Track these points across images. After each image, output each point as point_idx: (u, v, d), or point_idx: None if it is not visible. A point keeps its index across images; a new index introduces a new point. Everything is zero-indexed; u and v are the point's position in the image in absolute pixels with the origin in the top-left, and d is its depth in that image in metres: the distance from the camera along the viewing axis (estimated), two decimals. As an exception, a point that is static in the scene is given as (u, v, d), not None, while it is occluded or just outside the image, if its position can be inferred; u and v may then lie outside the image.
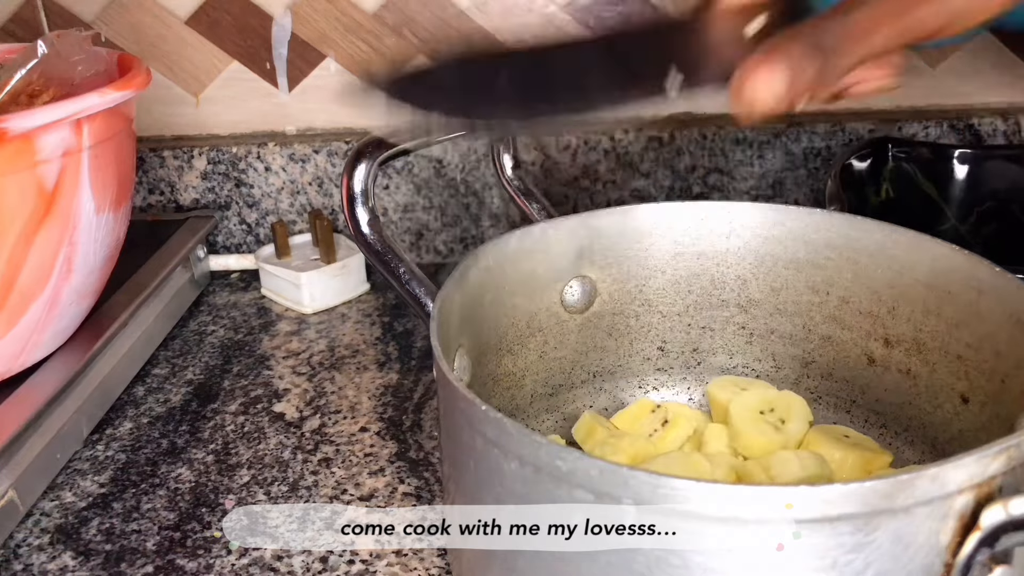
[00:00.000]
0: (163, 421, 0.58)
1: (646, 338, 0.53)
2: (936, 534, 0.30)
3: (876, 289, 0.47)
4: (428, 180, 0.77)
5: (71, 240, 0.50)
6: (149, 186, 0.78)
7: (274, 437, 0.56)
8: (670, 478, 0.28)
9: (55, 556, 0.47)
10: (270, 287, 0.74)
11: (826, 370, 0.51)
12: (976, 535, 0.30)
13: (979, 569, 0.30)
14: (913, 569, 0.30)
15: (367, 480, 0.52)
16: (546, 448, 0.30)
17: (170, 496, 0.51)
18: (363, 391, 0.61)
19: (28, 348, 0.52)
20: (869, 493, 0.28)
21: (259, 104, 0.78)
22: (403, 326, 0.69)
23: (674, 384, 0.54)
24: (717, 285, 0.51)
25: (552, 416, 0.52)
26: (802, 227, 0.49)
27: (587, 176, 0.77)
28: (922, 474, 0.28)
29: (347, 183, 0.41)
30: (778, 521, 0.28)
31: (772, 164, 0.77)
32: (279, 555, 0.46)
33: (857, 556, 0.29)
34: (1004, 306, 0.41)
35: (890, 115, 0.76)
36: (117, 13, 0.75)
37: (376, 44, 0.76)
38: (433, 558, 0.46)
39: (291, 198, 0.78)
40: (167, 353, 0.66)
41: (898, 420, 0.48)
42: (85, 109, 0.47)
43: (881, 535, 0.29)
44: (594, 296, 0.51)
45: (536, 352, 0.50)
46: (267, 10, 0.75)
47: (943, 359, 0.45)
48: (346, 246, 0.75)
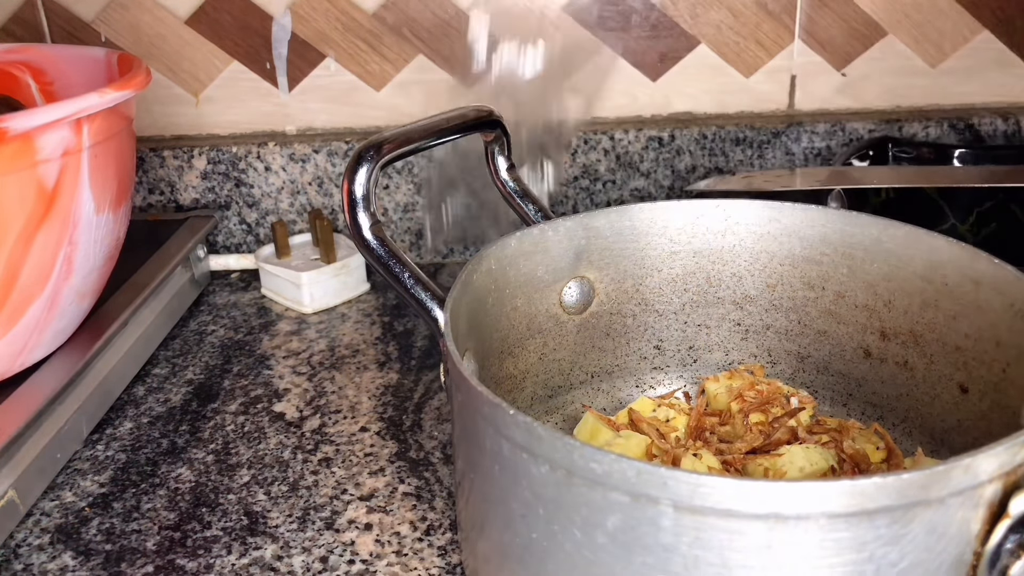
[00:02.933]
0: (163, 421, 0.58)
1: (643, 337, 0.53)
2: (967, 523, 0.30)
3: (872, 283, 0.47)
4: (428, 180, 0.77)
5: (71, 240, 0.50)
6: (149, 186, 0.78)
7: (274, 437, 0.56)
8: (711, 477, 0.29)
9: (55, 556, 0.47)
10: (270, 287, 0.74)
11: (822, 364, 0.51)
12: (1005, 523, 0.30)
13: (1007, 556, 0.30)
14: (945, 559, 0.31)
15: (367, 480, 0.52)
16: (580, 451, 0.30)
17: (170, 496, 0.51)
18: (363, 391, 0.61)
19: (28, 348, 0.52)
20: (905, 485, 0.28)
21: (259, 104, 0.79)
22: (403, 326, 0.69)
23: (671, 382, 0.54)
24: (713, 282, 0.52)
25: (552, 418, 0.52)
26: (797, 223, 0.49)
27: (587, 176, 0.77)
28: (956, 464, 0.29)
29: (348, 188, 0.41)
30: (817, 516, 0.29)
31: (772, 164, 0.77)
32: (279, 555, 0.46)
33: (893, 548, 0.30)
34: (1003, 296, 0.41)
35: (890, 115, 0.76)
36: (117, 13, 0.75)
37: (376, 44, 0.76)
38: (433, 558, 0.46)
39: (291, 198, 0.78)
40: (167, 353, 0.66)
41: (895, 411, 0.48)
42: (85, 109, 0.47)
43: (916, 527, 0.29)
44: (592, 297, 0.51)
45: (536, 354, 0.50)
46: (267, 10, 0.75)
47: (941, 350, 0.45)
48: (346, 246, 0.75)
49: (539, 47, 0.71)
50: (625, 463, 0.30)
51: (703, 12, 0.75)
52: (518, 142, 0.72)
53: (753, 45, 0.76)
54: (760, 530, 0.29)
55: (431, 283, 0.42)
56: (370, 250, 0.42)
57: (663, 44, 0.76)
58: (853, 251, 0.48)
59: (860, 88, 0.77)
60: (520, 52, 0.71)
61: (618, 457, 0.30)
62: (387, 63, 0.77)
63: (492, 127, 0.48)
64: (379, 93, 0.78)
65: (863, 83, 0.77)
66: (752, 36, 0.75)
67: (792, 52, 0.76)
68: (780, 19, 0.75)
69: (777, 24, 0.75)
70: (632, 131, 0.76)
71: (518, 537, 0.35)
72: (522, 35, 0.70)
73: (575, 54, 0.76)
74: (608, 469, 0.30)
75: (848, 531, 0.29)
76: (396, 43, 0.76)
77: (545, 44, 0.71)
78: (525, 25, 0.73)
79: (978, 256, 0.43)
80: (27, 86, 0.63)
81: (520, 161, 0.73)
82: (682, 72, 0.77)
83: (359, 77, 0.77)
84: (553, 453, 0.31)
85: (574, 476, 0.31)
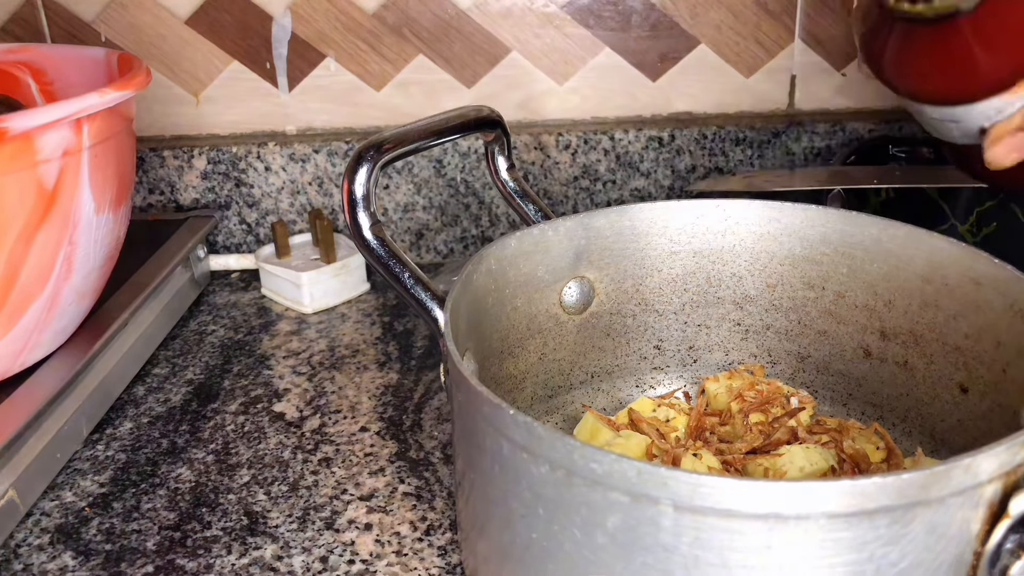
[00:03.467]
0: (163, 421, 0.58)
1: (643, 337, 0.53)
2: (968, 523, 0.30)
3: (872, 283, 0.48)
4: (428, 180, 0.77)
5: (71, 240, 0.50)
6: (149, 186, 0.78)
7: (274, 437, 0.56)
8: (711, 477, 0.29)
9: (55, 556, 0.47)
10: (270, 287, 0.74)
11: (822, 364, 0.51)
12: (1005, 523, 0.30)
13: (1007, 556, 0.30)
14: (945, 559, 0.31)
15: (367, 480, 0.52)
16: (580, 451, 0.30)
17: (170, 496, 0.51)
18: (363, 391, 0.61)
19: (28, 348, 0.52)
20: (905, 485, 0.28)
21: (259, 104, 0.78)
22: (403, 326, 0.69)
23: (671, 382, 0.54)
24: (713, 283, 0.52)
25: (552, 418, 0.52)
26: (798, 223, 0.49)
27: (587, 176, 0.77)
28: (956, 464, 0.29)
29: (348, 188, 0.41)
30: (817, 516, 0.29)
31: (772, 164, 0.77)
32: (279, 555, 0.46)
33: (893, 548, 0.30)
34: (1004, 297, 0.41)
35: (890, 115, 0.76)
36: (117, 13, 0.75)
37: (376, 44, 0.76)
38: (433, 558, 0.46)
39: (291, 198, 0.78)
40: (167, 353, 0.66)
41: (895, 411, 0.49)
42: (85, 109, 0.47)
43: (917, 526, 0.29)
44: (592, 297, 0.51)
45: (536, 354, 0.50)
46: (267, 10, 0.75)
47: (941, 350, 0.45)
48: (346, 246, 0.75)
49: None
50: (625, 463, 0.30)
51: (703, 12, 0.75)
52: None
53: (753, 45, 0.76)
54: (760, 530, 0.29)
55: (431, 283, 0.42)
56: (370, 250, 0.42)
57: (663, 44, 0.76)
58: (853, 251, 0.48)
59: (860, 88, 0.77)
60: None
61: (618, 457, 0.30)
62: (387, 63, 0.77)
63: (492, 127, 0.48)
64: (379, 93, 0.78)
65: (863, 83, 0.77)
66: (752, 36, 0.75)
67: (792, 52, 0.76)
68: (780, 19, 0.75)
69: (777, 24, 0.75)
70: (632, 131, 0.76)
71: (518, 537, 0.35)
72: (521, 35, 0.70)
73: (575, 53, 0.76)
74: (608, 469, 0.30)
75: (848, 531, 0.29)
76: (396, 43, 0.76)
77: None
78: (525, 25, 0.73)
79: (978, 256, 0.43)
80: (27, 86, 0.63)
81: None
82: (682, 72, 0.77)
83: (359, 77, 0.77)
84: (553, 453, 0.31)
85: (574, 476, 0.31)
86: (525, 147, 0.76)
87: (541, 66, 0.76)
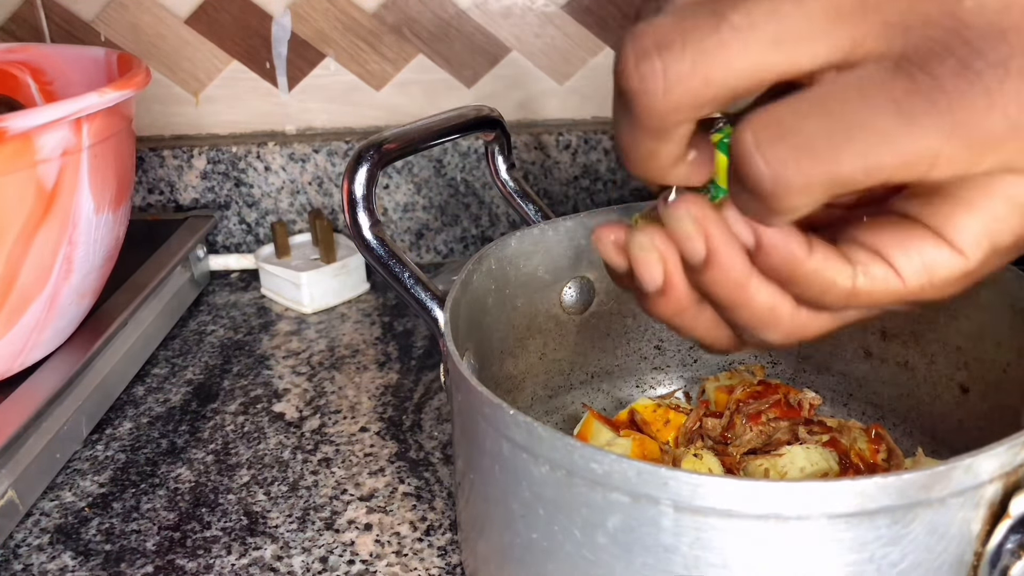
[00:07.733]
0: (163, 421, 0.58)
1: (643, 337, 0.53)
2: (968, 523, 0.30)
3: None
4: (428, 180, 0.77)
5: (71, 240, 0.50)
6: (149, 186, 0.78)
7: (274, 437, 0.56)
8: (711, 477, 0.29)
9: (55, 556, 0.47)
10: (270, 287, 0.74)
11: (823, 364, 0.51)
12: (1006, 523, 0.30)
13: (1008, 557, 0.30)
14: (946, 559, 0.31)
15: (367, 480, 0.52)
16: (580, 451, 0.30)
17: (170, 496, 0.51)
18: (363, 391, 0.61)
19: (28, 348, 0.52)
20: (906, 485, 0.28)
21: (259, 104, 0.78)
22: (403, 326, 0.69)
23: (671, 382, 0.54)
24: (715, 283, 0.51)
25: (552, 418, 0.52)
26: None
27: (587, 176, 0.77)
28: (957, 464, 0.29)
29: (348, 187, 0.41)
30: (817, 517, 0.29)
31: (772, 164, 0.76)
32: (279, 555, 0.46)
33: (894, 549, 0.30)
34: (1004, 296, 0.41)
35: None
36: (117, 13, 0.75)
37: (376, 44, 0.76)
38: (433, 558, 0.46)
39: (291, 198, 0.78)
40: (167, 353, 0.66)
41: (896, 412, 0.48)
42: (85, 108, 0.47)
43: (917, 527, 0.29)
44: (592, 296, 0.51)
45: (536, 354, 0.50)
46: (267, 10, 0.75)
47: (942, 350, 0.45)
48: (346, 246, 0.75)
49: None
50: (625, 463, 0.30)
51: (703, 12, 0.74)
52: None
53: (753, 45, 0.76)
54: (761, 531, 0.29)
55: (431, 283, 0.42)
56: (370, 250, 0.41)
57: (663, 44, 0.76)
58: (854, 251, 0.47)
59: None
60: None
61: (618, 457, 0.30)
62: (387, 63, 0.77)
63: (492, 127, 0.48)
64: (379, 93, 0.78)
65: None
66: (752, 36, 0.75)
67: (792, 52, 0.76)
68: (780, 19, 0.75)
69: (777, 24, 0.75)
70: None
71: (518, 537, 0.35)
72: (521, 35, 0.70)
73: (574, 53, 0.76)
74: (608, 469, 0.30)
75: (849, 531, 0.29)
76: (396, 43, 0.76)
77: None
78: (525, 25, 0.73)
79: None
80: (27, 86, 0.63)
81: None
82: (682, 72, 0.77)
83: (359, 77, 0.77)
84: (553, 453, 0.31)
85: (574, 476, 0.31)
86: (525, 147, 0.76)
87: (541, 66, 0.76)
